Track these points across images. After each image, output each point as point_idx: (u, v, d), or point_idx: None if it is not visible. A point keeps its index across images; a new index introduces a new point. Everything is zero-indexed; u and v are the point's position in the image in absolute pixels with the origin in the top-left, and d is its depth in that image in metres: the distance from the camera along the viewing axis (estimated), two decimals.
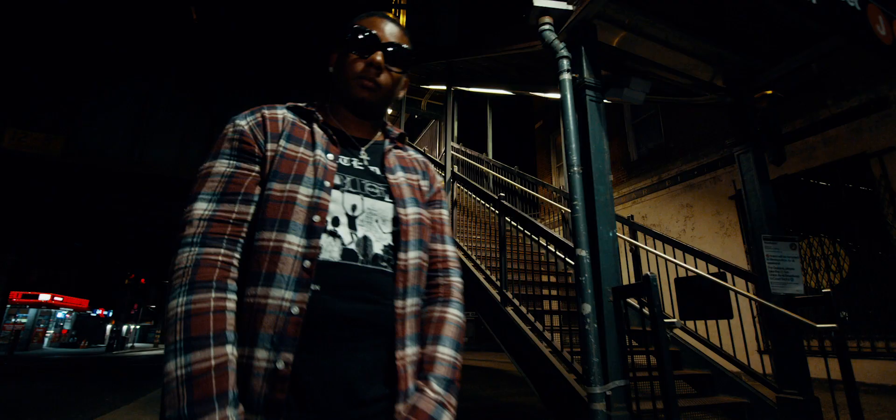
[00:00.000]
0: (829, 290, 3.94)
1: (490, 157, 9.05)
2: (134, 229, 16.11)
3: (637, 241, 4.82)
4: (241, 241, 0.78)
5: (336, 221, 0.81)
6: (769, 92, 3.83)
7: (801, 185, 6.84)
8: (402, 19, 11.19)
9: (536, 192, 7.20)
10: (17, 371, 13.75)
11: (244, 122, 0.85)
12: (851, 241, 6.11)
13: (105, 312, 38.73)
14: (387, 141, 1.00)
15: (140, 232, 16.74)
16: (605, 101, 3.71)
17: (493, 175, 8.50)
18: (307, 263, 0.76)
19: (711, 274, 3.84)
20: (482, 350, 17.07)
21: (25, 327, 30.00)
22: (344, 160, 0.89)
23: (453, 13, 9.18)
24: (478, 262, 4.47)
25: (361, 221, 0.84)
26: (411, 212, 0.90)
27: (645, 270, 4.73)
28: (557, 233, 6.48)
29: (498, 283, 3.87)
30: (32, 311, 31.27)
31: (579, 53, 2.93)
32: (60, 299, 32.30)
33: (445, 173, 5.31)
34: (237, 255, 0.76)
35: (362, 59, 0.90)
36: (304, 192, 0.80)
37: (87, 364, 17.74)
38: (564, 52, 2.92)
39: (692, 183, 8.57)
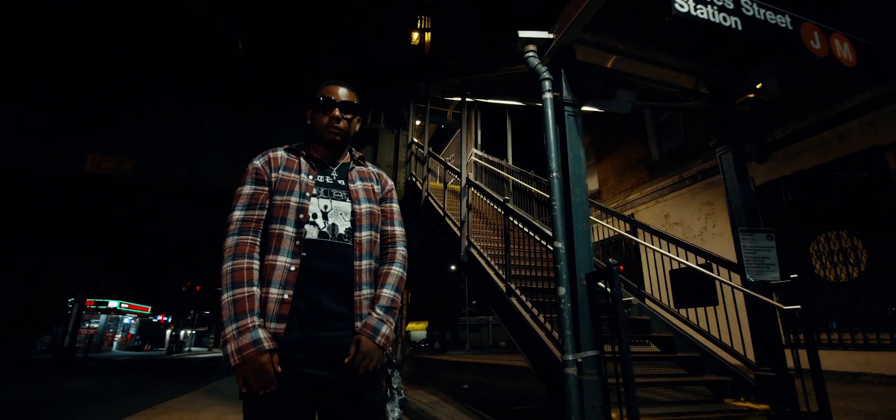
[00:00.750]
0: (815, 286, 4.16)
1: (510, 162, 9.51)
2: (189, 239, 17.64)
3: (637, 237, 5.18)
4: (260, 230, 1.36)
5: (314, 216, 1.40)
6: (751, 95, 4.13)
7: (816, 179, 6.87)
8: (427, 37, 11.89)
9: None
10: (93, 369, 15.44)
11: (259, 162, 1.46)
12: (869, 234, 6.13)
13: (165, 318, 41.81)
14: (351, 161, 1.58)
15: (195, 241, 18.28)
16: (596, 110, 4.18)
17: (512, 180, 8.97)
18: (298, 242, 1.35)
19: (700, 265, 4.18)
20: (503, 353, 17.49)
21: (97, 331, 33.11)
22: (320, 178, 1.48)
23: (472, 28, 9.74)
24: (489, 260, 4.98)
25: (331, 214, 1.42)
26: (364, 207, 1.47)
27: (644, 265, 5.07)
28: None
29: (503, 276, 4.37)
30: (103, 317, 34.43)
31: (559, 75, 3.41)
32: (126, 306, 35.31)
33: (462, 179, 5.85)
34: (258, 239, 1.35)
35: (326, 115, 1.47)
36: (294, 200, 1.39)
37: (151, 364, 19.50)
38: (546, 75, 3.42)
39: (712, 181, 8.66)
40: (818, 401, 3.00)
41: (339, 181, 1.51)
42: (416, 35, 11.73)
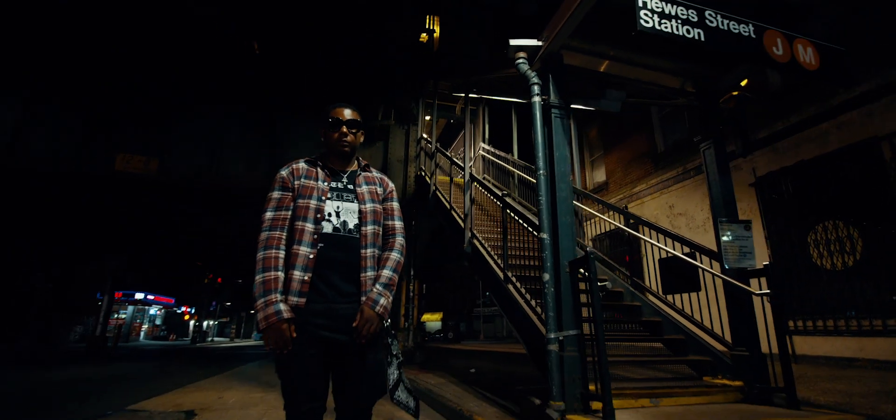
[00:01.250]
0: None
1: (515, 156, 9.79)
2: (210, 234, 18.38)
3: (629, 228, 5.44)
4: (285, 226, 1.74)
5: (329, 215, 1.76)
6: (736, 93, 4.36)
7: (816, 170, 6.99)
8: (436, 34, 12.16)
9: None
10: (124, 356, 16.34)
11: (284, 172, 1.83)
12: (864, 223, 6.25)
13: (188, 309, 43.37)
14: (358, 169, 1.94)
15: (215, 236, 19.03)
16: (589, 108, 4.47)
17: (518, 174, 9.25)
18: (316, 235, 1.72)
19: (686, 254, 4.45)
20: (515, 342, 17.79)
21: (125, 322, 34.60)
22: (333, 184, 1.84)
23: (478, 28, 9.99)
24: (490, 250, 5.32)
25: (342, 213, 1.78)
26: (368, 207, 1.83)
27: (645, 257, 5.34)
28: None
29: (501, 265, 4.71)
30: (130, 309, 35.97)
31: (548, 79, 3.71)
32: (152, 298, 36.79)
33: (465, 175, 6.18)
34: (284, 234, 1.73)
35: (336, 132, 1.84)
36: (313, 203, 1.76)
37: (178, 352, 20.43)
38: (535, 80, 3.72)
39: None
40: (784, 378, 3.28)
41: (349, 186, 1.88)
42: (424, 35, 12.03)
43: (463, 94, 11.20)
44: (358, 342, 1.68)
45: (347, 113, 1.90)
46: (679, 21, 2.75)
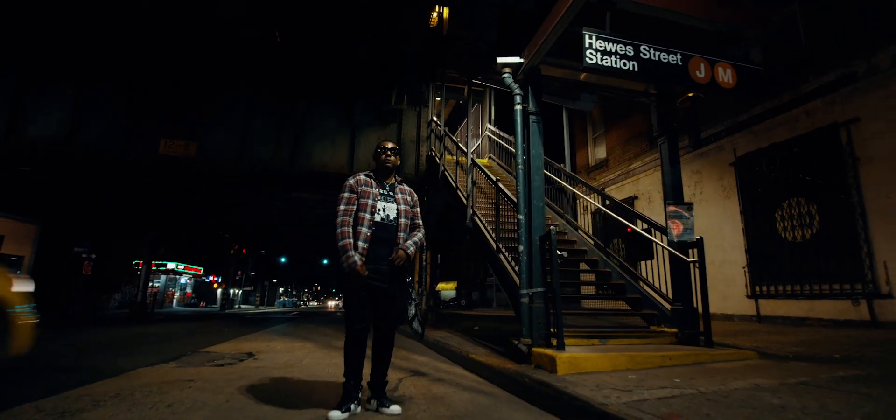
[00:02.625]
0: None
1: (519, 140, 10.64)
2: (238, 210, 19.78)
3: (605, 207, 6.38)
4: (352, 214, 2.81)
5: (380, 210, 2.84)
6: (691, 94, 5.19)
7: (785, 152, 7.73)
8: (445, 15, 12.84)
9: (557, 174, 8.71)
10: (163, 319, 18.08)
11: (351, 181, 2.90)
12: (821, 201, 7.05)
13: (216, 278, 45.85)
14: (396, 182, 2.99)
15: (243, 212, 20.46)
16: (569, 107, 5.37)
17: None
18: (371, 222, 2.79)
19: (643, 229, 5.40)
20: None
21: (159, 290, 37.06)
22: (381, 191, 2.90)
23: (485, 17, 10.66)
24: (487, 225, 6.34)
25: (387, 209, 2.86)
26: (402, 207, 2.90)
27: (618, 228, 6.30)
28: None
29: (494, 237, 5.73)
30: (163, 278, 38.40)
31: (527, 91, 4.63)
32: (182, 267, 39.10)
33: (467, 160, 7.14)
34: (351, 220, 2.80)
35: (383, 156, 2.89)
36: (369, 202, 2.84)
37: (210, 317, 22.26)
38: (517, 90, 4.64)
39: (701, 152, 9.55)
40: (704, 325, 4.28)
41: (390, 193, 2.96)
42: (434, 16, 12.73)
43: (468, 81, 12.00)
44: (393, 282, 2.78)
45: (390, 145, 3.01)
46: (617, 56, 3.62)
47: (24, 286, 3.47)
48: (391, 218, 2.88)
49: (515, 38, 5.06)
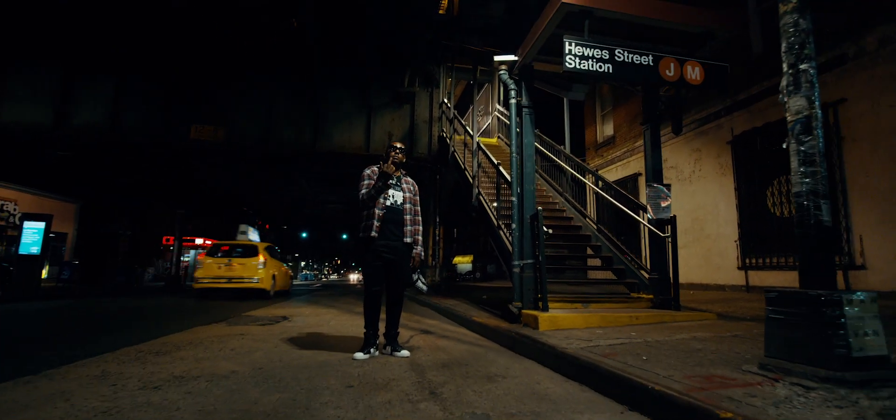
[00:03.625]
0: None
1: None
2: (262, 187, 20.84)
3: (598, 188, 6.97)
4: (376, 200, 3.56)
5: (390, 197, 3.56)
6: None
7: (778, 130, 8.08)
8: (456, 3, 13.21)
9: (558, 155, 9.22)
10: (189, 292, 19.45)
11: (367, 172, 3.63)
12: None
13: None
14: (401, 175, 3.70)
15: (266, 189, 21.52)
16: (562, 96, 5.92)
17: None
18: (383, 205, 3.52)
19: (629, 206, 6.00)
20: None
21: (189, 264, 39.12)
22: (391, 181, 3.60)
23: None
24: (490, 203, 7.01)
25: (396, 196, 3.58)
26: (407, 195, 3.63)
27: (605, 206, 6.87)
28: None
29: (496, 215, 6.41)
30: (192, 253, 40.45)
31: (521, 86, 5.21)
32: (210, 242, 41.03)
33: (473, 144, 7.76)
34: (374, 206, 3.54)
35: (393, 153, 3.59)
36: (384, 189, 3.54)
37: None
38: (512, 86, 5.23)
39: (701, 130, 9.92)
40: (674, 292, 4.92)
41: (398, 184, 3.65)
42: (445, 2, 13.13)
43: (474, 68, 12.46)
44: (403, 261, 3.52)
45: (398, 145, 3.68)
46: (594, 60, 4.17)
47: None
48: (399, 203, 3.60)
49: (517, 23, 5.59)
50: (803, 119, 2.35)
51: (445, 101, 12.18)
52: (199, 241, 40.00)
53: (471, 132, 8.70)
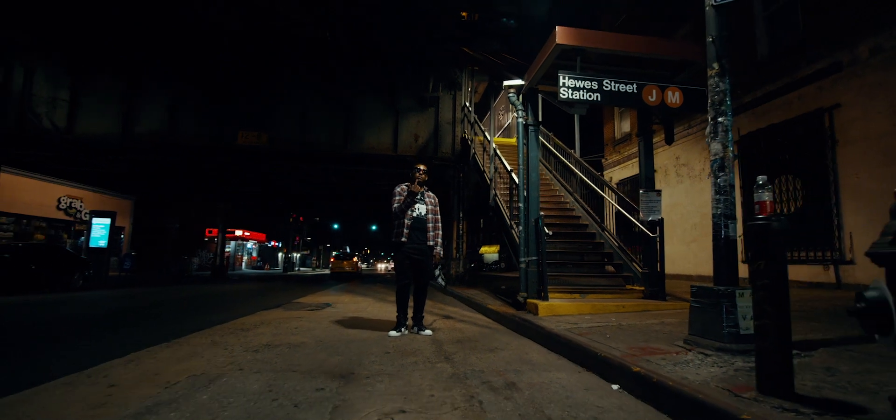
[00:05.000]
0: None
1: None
2: (297, 183, 22.30)
3: (602, 190, 7.71)
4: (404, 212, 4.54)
5: (417, 210, 4.53)
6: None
7: (780, 132, 8.54)
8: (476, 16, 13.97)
9: (569, 158, 9.95)
10: (240, 280, 21.15)
11: (398, 188, 4.59)
12: (806, 178, 7.93)
13: (277, 243, 50.50)
14: (424, 191, 4.65)
15: (301, 185, 22.98)
16: (566, 111, 6.70)
17: (541, 141, 11.39)
18: (410, 217, 4.49)
19: (627, 209, 6.74)
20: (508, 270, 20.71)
21: (230, 254, 41.79)
22: (417, 198, 4.57)
23: (510, 16, 11.77)
24: (503, 204, 7.88)
25: (420, 209, 4.54)
26: (429, 207, 4.58)
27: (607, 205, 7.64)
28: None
29: (508, 215, 7.29)
30: (233, 244, 43.10)
31: (527, 107, 6.05)
32: (248, 234, 43.57)
33: (490, 149, 8.61)
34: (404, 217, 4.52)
35: (418, 173, 4.55)
36: (411, 205, 4.52)
37: (277, 278, 25.44)
38: (520, 106, 6.06)
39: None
40: (660, 285, 5.68)
41: (422, 199, 4.58)
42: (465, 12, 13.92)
43: (490, 77, 13.21)
44: (427, 259, 4.46)
45: (422, 167, 4.59)
46: (585, 90, 4.95)
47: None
48: (423, 214, 4.54)
49: (529, 29, 6.39)
50: (719, 160, 3.12)
51: (467, 104, 13.03)
52: (238, 232, 42.59)
53: (488, 137, 9.54)
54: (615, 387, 2.65)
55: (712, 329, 2.93)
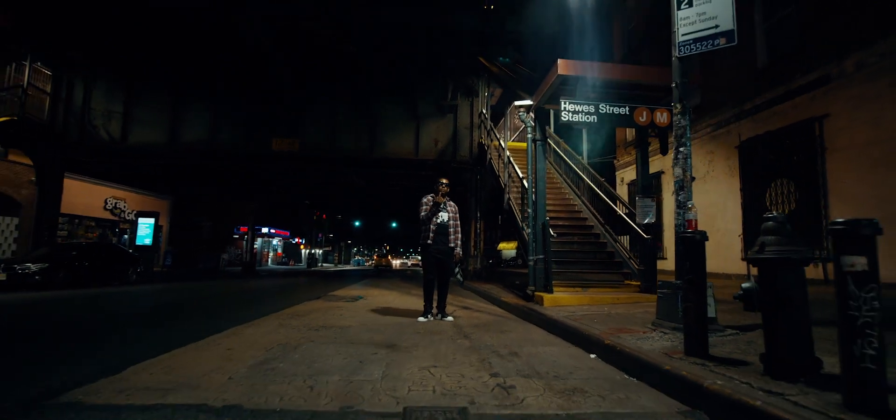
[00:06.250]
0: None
1: (551, 130, 12.64)
2: (323, 184, 23.58)
3: (606, 195, 8.49)
4: (430, 219, 5.48)
5: (440, 217, 5.47)
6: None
7: (777, 139, 9.13)
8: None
9: (576, 163, 10.73)
10: (269, 275, 22.50)
11: (425, 199, 5.55)
12: (799, 182, 8.53)
13: (300, 240, 52.39)
14: (446, 201, 5.59)
15: (326, 185, 24.24)
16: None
17: (553, 146, 12.19)
18: (435, 223, 5.43)
19: (625, 212, 7.53)
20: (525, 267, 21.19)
21: (257, 251, 43.72)
22: (440, 207, 5.51)
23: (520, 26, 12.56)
24: (516, 207, 8.75)
25: (443, 216, 5.47)
26: (451, 214, 5.51)
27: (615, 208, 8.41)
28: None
29: (519, 217, 8.15)
30: (260, 241, 45.05)
31: (535, 124, 6.91)
32: (274, 231, 45.45)
33: (504, 155, 9.46)
34: (429, 221, 5.47)
35: (441, 186, 5.50)
36: (436, 214, 5.47)
37: (303, 273, 26.82)
38: (529, 124, 6.93)
39: (714, 134, 10.98)
40: (652, 280, 6.47)
41: (444, 207, 5.51)
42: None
43: (503, 84, 14.01)
44: (448, 258, 5.40)
45: (444, 181, 5.51)
46: (583, 113, 5.76)
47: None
48: (445, 221, 5.44)
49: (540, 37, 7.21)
50: (679, 181, 3.94)
51: (484, 111, 13.89)
52: (265, 229, 44.47)
53: (502, 144, 10.40)
54: (592, 356, 3.52)
55: (671, 313, 3.76)
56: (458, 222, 5.65)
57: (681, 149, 3.98)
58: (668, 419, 2.17)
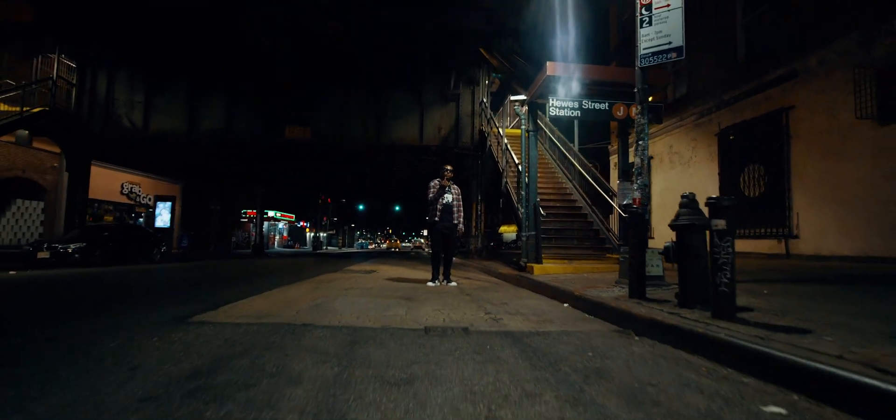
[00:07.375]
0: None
1: (548, 118, 13.50)
2: (332, 171, 24.50)
3: (595, 183, 9.45)
4: (436, 200, 6.48)
5: (445, 198, 6.46)
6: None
7: (750, 127, 10.02)
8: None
9: (568, 150, 11.66)
10: (278, 256, 23.60)
11: (432, 183, 6.54)
12: (768, 167, 9.45)
13: (305, 223, 53.59)
14: (450, 185, 6.58)
15: (334, 172, 25.17)
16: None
17: (548, 133, 13.08)
18: (440, 204, 6.43)
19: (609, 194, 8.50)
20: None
21: (264, 234, 44.98)
22: (446, 189, 6.50)
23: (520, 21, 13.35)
24: (512, 191, 9.72)
25: (447, 198, 6.47)
26: (454, 196, 6.50)
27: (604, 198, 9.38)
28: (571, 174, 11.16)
29: (515, 199, 9.13)
30: (266, 224, 46.24)
31: (528, 117, 7.84)
32: (280, 215, 46.61)
33: (502, 141, 10.40)
34: (436, 202, 6.47)
35: (446, 173, 6.48)
36: (442, 195, 6.47)
37: (309, 255, 27.94)
38: (524, 117, 7.87)
39: (698, 122, 11.87)
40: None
41: (449, 190, 6.48)
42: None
43: (505, 78, 14.82)
44: (452, 235, 6.41)
45: (449, 167, 6.48)
46: (568, 109, 6.68)
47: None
48: (449, 201, 6.41)
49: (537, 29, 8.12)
50: (639, 169, 4.90)
51: (484, 100, 14.76)
52: (271, 213, 45.62)
53: (501, 132, 11.32)
54: (565, 305, 4.54)
55: (629, 273, 4.76)
56: (461, 203, 6.63)
57: (640, 141, 4.93)
58: (606, 335, 3.18)
